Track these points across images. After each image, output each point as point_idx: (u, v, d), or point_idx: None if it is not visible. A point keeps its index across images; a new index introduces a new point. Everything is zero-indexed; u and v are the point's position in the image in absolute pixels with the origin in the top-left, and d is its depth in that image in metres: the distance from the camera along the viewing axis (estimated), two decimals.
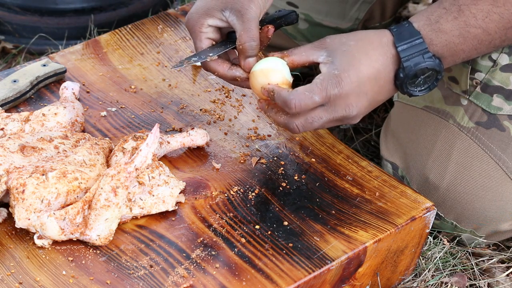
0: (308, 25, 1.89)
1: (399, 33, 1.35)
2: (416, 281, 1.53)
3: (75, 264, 1.30)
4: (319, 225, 1.38)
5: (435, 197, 1.56)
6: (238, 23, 1.38)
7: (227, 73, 1.41)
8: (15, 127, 1.46)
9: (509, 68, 1.50)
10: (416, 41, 1.34)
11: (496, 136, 1.52)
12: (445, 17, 1.35)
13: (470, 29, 1.35)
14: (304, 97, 1.32)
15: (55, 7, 2.10)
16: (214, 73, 1.43)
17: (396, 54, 1.35)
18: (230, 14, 1.38)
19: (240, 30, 1.38)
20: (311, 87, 1.32)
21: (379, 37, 1.35)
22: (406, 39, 1.34)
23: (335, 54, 1.34)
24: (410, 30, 1.35)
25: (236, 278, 1.29)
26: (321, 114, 1.34)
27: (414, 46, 1.34)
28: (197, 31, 1.41)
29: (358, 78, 1.32)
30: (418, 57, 1.34)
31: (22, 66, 1.65)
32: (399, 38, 1.34)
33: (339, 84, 1.31)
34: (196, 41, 1.41)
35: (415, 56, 1.34)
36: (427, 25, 1.35)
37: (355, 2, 1.88)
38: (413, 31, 1.35)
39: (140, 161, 1.33)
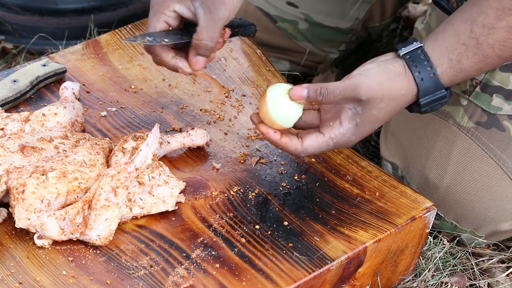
0: (308, 25, 1.89)
1: (425, 88, 1.33)
2: (416, 281, 1.53)
3: (75, 264, 1.30)
4: (319, 225, 1.38)
5: (435, 197, 1.56)
6: (204, 19, 1.35)
7: (169, 61, 1.38)
8: (15, 127, 1.46)
9: (508, 68, 1.50)
10: (438, 93, 1.34)
11: (496, 136, 1.52)
12: (465, 55, 1.34)
13: (488, 60, 1.35)
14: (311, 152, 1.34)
15: (55, 7, 2.10)
16: (156, 57, 1.39)
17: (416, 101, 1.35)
18: (199, 7, 1.36)
19: (203, 26, 1.35)
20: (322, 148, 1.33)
21: (407, 96, 1.34)
22: (429, 93, 1.34)
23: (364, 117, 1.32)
24: (435, 83, 1.33)
25: (236, 278, 1.29)
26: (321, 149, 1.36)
27: (436, 97, 1.35)
28: (159, 11, 1.37)
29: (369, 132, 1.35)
30: (436, 104, 1.36)
31: (22, 66, 1.65)
32: (424, 92, 1.34)
33: (349, 144, 1.34)
34: (153, 19, 1.38)
35: (434, 103, 1.35)
36: (450, 68, 1.34)
37: (355, 2, 1.88)
38: (438, 84, 1.34)
39: (140, 161, 1.33)
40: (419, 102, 1.35)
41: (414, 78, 1.33)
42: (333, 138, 1.33)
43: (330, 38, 1.92)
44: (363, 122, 1.32)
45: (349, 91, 1.30)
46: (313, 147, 1.33)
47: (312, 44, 1.93)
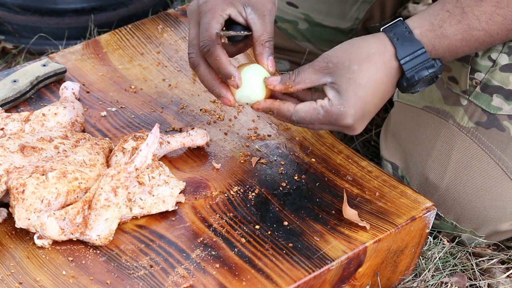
0: (308, 25, 1.89)
1: (401, 44, 1.34)
2: (416, 281, 1.53)
3: (75, 264, 1.30)
4: (319, 225, 1.38)
5: (435, 197, 1.56)
6: (259, 23, 1.38)
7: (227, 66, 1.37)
8: (15, 127, 1.46)
9: (508, 68, 1.50)
10: (418, 51, 1.34)
11: (496, 136, 1.52)
12: (448, 21, 1.34)
13: (473, 32, 1.35)
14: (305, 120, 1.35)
15: (55, 7, 2.10)
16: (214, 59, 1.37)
17: (399, 66, 1.35)
18: (251, 12, 1.38)
19: (261, 30, 1.38)
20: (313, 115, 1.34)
21: (381, 54, 1.34)
22: (408, 52, 1.34)
23: (340, 82, 1.33)
24: (411, 41, 1.34)
25: (236, 278, 1.29)
26: (322, 127, 1.37)
27: (417, 57, 1.34)
28: (217, 13, 1.38)
29: (364, 109, 1.34)
30: (422, 69, 1.34)
31: (22, 66, 1.65)
32: (401, 50, 1.34)
33: (344, 119, 1.33)
34: (213, 22, 1.37)
35: (419, 70, 1.34)
36: (430, 31, 1.35)
37: (355, 2, 1.88)
38: (415, 42, 1.34)
39: (140, 161, 1.33)
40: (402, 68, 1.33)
41: (389, 38, 1.34)
42: (323, 106, 1.33)
43: (330, 38, 1.92)
44: (343, 89, 1.33)
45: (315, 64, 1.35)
46: (304, 111, 1.35)
47: (312, 44, 1.93)
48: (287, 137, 1.54)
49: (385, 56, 1.34)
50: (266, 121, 1.58)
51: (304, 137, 1.55)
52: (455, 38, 1.35)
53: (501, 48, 1.50)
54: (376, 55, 1.35)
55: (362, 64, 1.34)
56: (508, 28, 1.36)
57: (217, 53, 1.37)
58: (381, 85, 1.35)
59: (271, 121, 1.58)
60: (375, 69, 1.34)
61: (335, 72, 1.34)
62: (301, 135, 1.55)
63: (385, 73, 1.35)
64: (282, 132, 1.55)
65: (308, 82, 1.35)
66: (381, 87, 1.35)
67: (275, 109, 1.37)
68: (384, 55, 1.34)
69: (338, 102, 1.33)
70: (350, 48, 1.36)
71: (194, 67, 1.41)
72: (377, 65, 1.34)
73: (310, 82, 1.36)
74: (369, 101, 1.34)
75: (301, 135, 1.55)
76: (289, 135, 1.55)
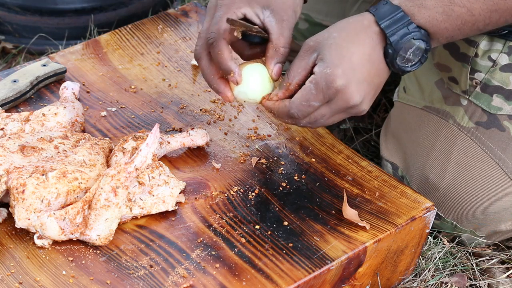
0: (308, 25, 1.89)
1: (379, 12, 1.33)
2: (416, 281, 1.53)
3: (75, 264, 1.30)
4: (319, 225, 1.38)
5: (435, 197, 1.56)
6: (277, 27, 1.36)
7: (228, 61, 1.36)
8: (15, 127, 1.46)
9: (508, 68, 1.50)
10: (397, 15, 1.31)
11: (496, 136, 1.52)
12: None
13: (454, 7, 1.32)
14: (302, 107, 1.32)
15: (55, 7, 2.10)
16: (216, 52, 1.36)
17: (380, 32, 1.32)
18: (270, 15, 1.37)
19: (278, 34, 1.36)
20: (307, 95, 1.31)
21: (360, 21, 1.34)
22: (387, 16, 1.32)
23: (323, 50, 1.31)
24: (389, 7, 1.33)
25: (236, 278, 1.29)
26: (323, 111, 1.33)
27: (397, 20, 1.31)
28: (231, 9, 1.37)
29: (352, 68, 1.30)
30: (403, 29, 1.31)
31: (22, 66, 1.65)
32: (379, 16, 1.32)
33: (333, 81, 1.29)
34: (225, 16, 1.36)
35: (400, 29, 1.31)
36: (409, 0, 1.32)
37: (355, 2, 1.88)
38: (393, 7, 1.32)
39: (140, 161, 1.33)
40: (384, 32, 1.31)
41: (368, 10, 1.34)
42: (311, 80, 1.31)
43: None
44: (326, 55, 1.30)
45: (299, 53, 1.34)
46: (298, 97, 1.32)
47: None
48: (287, 137, 1.54)
49: (364, 23, 1.33)
50: (266, 121, 1.58)
51: (304, 137, 1.55)
52: (435, 10, 1.32)
53: (501, 48, 1.50)
54: (354, 22, 1.34)
55: (341, 30, 1.33)
56: (491, 9, 1.33)
57: (221, 46, 1.36)
58: (365, 47, 1.32)
59: (271, 121, 1.58)
60: (355, 33, 1.32)
61: (318, 46, 1.32)
62: (301, 135, 1.55)
63: (367, 36, 1.32)
64: (282, 132, 1.55)
65: (301, 70, 1.33)
66: (366, 49, 1.32)
67: (275, 109, 1.36)
68: (363, 21, 1.33)
69: (323, 67, 1.30)
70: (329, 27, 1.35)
71: (197, 59, 1.40)
72: (356, 30, 1.33)
73: (302, 69, 1.33)
74: (356, 62, 1.31)
75: (301, 135, 1.55)
76: (289, 135, 1.55)
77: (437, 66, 1.59)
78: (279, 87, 1.36)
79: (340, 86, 1.29)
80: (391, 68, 1.35)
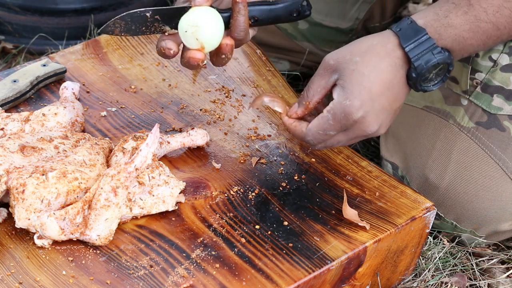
0: (308, 25, 1.89)
1: (403, 33, 1.32)
2: (416, 281, 1.53)
3: (75, 264, 1.30)
4: (319, 225, 1.38)
5: (435, 197, 1.56)
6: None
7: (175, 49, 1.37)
8: (15, 127, 1.46)
9: (509, 68, 1.50)
10: (422, 38, 1.31)
11: (496, 136, 1.52)
12: (454, 12, 1.33)
13: (480, 23, 1.33)
14: (319, 135, 1.34)
15: (55, 7, 2.10)
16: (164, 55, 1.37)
17: (404, 55, 1.32)
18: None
19: None
20: (324, 124, 1.33)
21: (384, 45, 1.33)
22: (411, 38, 1.31)
23: (344, 75, 1.31)
24: (414, 28, 1.32)
25: (236, 278, 1.29)
26: (340, 138, 1.35)
27: (422, 44, 1.31)
28: None
29: (371, 99, 1.30)
30: (428, 55, 1.31)
31: (22, 66, 1.65)
32: (404, 38, 1.32)
33: (352, 114, 1.30)
34: None
35: (425, 54, 1.31)
36: (435, 20, 1.32)
37: (355, 2, 1.88)
38: (418, 28, 1.32)
39: (140, 161, 1.33)
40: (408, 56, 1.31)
41: (391, 30, 1.33)
42: (329, 110, 1.32)
43: (330, 38, 1.92)
44: (347, 82, 1.30)
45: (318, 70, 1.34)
46: (314, 125, 1.34)
47: (312, 44, 1.93)
48: (287, 137, 1.54)
49: (388, 46, 1.32)
50: (266, 121, 1.58)
51: None
52: (462, 28, 1.32)
53: (502, 49, 1.50)
54: (378, 46, 1.33)
55: (364, 55, 1.32)
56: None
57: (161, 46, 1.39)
58: (387, 74, 1.31)
59: (271, 121, 1.58)
60: (378, 59, 1.32)
61: (339, 67, 1.32)
62: None
63: (390, 63, 1.32)
64: (282, 132, 1.55)
65: (320, 89, 1.34)
66: (387, 76, 1.32)
67: (291, 131, 1.38)
68: (387, 45, 1.32)
69: (342, 98, 1.31)
70: (350, 44, 1.35)
71: None
72: (380, 55, 1.32)
73: (322, 88, 1.34)
74: (376, 92, 1.31)
75: None
76: (289, 135, 1.55)
77: None
78: (298, 105, 1.37)
79: (358, 118, 1.31)
80: (413, 88, 1.35)
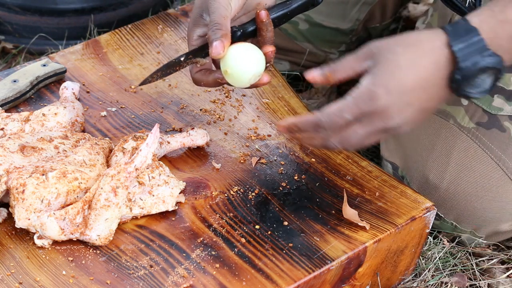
0: (308, 25, 1.89)
1: (454, 32, 1.23)
2: (416, 281, 1.53)
3: (75, 264, 1.30)
4: (319, 225, 1.38)
5: (435, 197, 1.56)
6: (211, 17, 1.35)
7: (209, 79, 1.40)
8: (15, 127, 1.46)
9: (510, 69, 1.50)
10: (473, 38, 1.21)
11: (497, 137, 1.52)
12: (510, 5, 1.23)
13: None
14: (334, 116, 1.23)
15: (55, 7, 2.10)
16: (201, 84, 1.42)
17: (451, 55, 1.22)
18: (206, 16, 1.38)
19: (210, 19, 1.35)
20: (343, 105, 1.22)
21: (432, 41, 1.23)
22: (461, 37, 1.21)
23: (379, 61, 1.22)
24: (466, 27, 1.23)
25: (236, 278, 1.29)
26: (356, 129, 1.24)
27: (471, 44, 1.21)
28: (189, 44, 1.41)
29: (399, 90, 1.21)
30: (477, 56, 1.21)
31: (22, 66, 1.65)
32: (454, 37, 1.22)
33: (373, 99, 1.21)
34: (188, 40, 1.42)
35: (473, 56, 1.21)
36: (491, 16, 1.23)
37: (355, 3, 1.88)
38: (469, 28, 1.22)
39: (140, 161, 1.33)
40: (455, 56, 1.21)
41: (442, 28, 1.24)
42: (351, 93, 1.22)
43: (331, 39, 1.92)
44: (379, 70, 1.21)
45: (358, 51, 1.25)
46: (332, 107, 1.23)
47: (312, 45, 1.93)
48: (287, 137, 1.54)
49: (435, 43, 1.22)
50: (266, 121, 1.58)
51: None
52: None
53: None
54: (425, 41, 1.23)
55: (408, 47, 1.22)
56: None
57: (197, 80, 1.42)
58: (425, 72, 1.22)
59: (271, 121, 1.58)
60: (421, 53, 1.22)
61: (377, 54, 1.23)
62: None
63: (433, 60, 1.22)
64: (282, 132, 1.55)
65: (349, 68, 1.24)
66: (425, 74, 1.22)
67: (298, 121, 1.27)
68: (434, 41, 1.22)
69: (369, 83, 1.21)
70: (399, 36, 1.26)
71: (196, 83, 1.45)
72: (424, 50, 1.22)
73: (350, 69, 1.24)
74: (408, 86, 1.21)
75: None
76: (289, 135, 1.55)
77: None
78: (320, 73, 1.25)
79: (380, 106, 1.21)
80: (454, 92, 1.25)
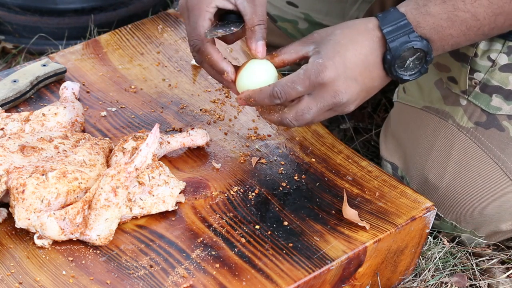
0: (308, 24, 1.89)
1: (384, 17, 1.35)
2: (416, 281, 1.53)
3: (75, 264, 1.30)
4: (319, 225, 1.38)
5: (435, 197, 1.56)
6: (249, 7, 1.37)
7: (219, 63, 1.38)
8: (15, 127, 1.46)
9: (508, 68, 1.50)
10: (401, 22, 1.33)
11: (495, 136, 1.52)
12: (433, 1, 1.34)
13: (458, 13, 1.33)
14: (287, 87, 1.32)
15: (55, 7, 2.10)
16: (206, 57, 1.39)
17: (382, 37, 1.34)
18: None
19: (251, 13, 1.37)
20: (294, 77, 1.33)
21: (365, 23, 1.36)
22: (390, 22, 1.34)
23: (321, 44, 1.35)
24: (395, 14, 1.35)
25: (236, 278, 1.29)
26: (309, 104, 1.33)
27: (399, 27, 1.33)
28: (202, 9, 1.37)
29: (344, 64, 1.32)
30: (404, 37, 1.33)
31: (22, 66, 1.65)
32: (383, 22, 1.34)
33: (322, 71, 1.31)
34: (199, 20, 1.37)
35: (401, 36, 1.33)
36: (415, 9, 1.34)
37: (354, 1, 1.88)
38: (398, 14, 1.34)
39: (140, 161, 1.33)
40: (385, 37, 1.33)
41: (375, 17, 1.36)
42: (302, 67, 1.33)
43: None
44: (322, 48, 1.33)
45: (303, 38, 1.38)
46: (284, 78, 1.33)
47: None
48: (287, 137, 1.54)
49: (368, 25, 1.35)
50: None
51: (304, 137, 1.55)
52: (439, 17, 1.33)
53: (501, 48, 1.50)
54: (360, 24, 1.36)
55: (345, 29, 1.36)
56: (495, 13, 1.34)
57: (208, 51, 1.38)
58: (363, 48, 1.34)
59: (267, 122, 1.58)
60: (357, 32, 1.35)
61: (319, 38, 1.36)
62: (301, 135, 1.55)
63: (368, 38, 1.34)
64: (282, 132, 1.55)
65: (293, 51, 1.37)
66: (363, 50, 1.33)
67: (255, 94, 1.35)
68: (367, 24, 1.35)
69: (316, 57, 1.33)
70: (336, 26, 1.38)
71: (199, 64, 1.42)
72: (359, 30, 1.35)
73: (294, 52, 1.37)
74: (350, 60, 1.33)
75: (301, 135, 1.55)
76: (289, 135, 1.55)
77: (436, 66, 1.59)
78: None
79: (328, 78, 1.31)
80: (389, 74, 1.36)
